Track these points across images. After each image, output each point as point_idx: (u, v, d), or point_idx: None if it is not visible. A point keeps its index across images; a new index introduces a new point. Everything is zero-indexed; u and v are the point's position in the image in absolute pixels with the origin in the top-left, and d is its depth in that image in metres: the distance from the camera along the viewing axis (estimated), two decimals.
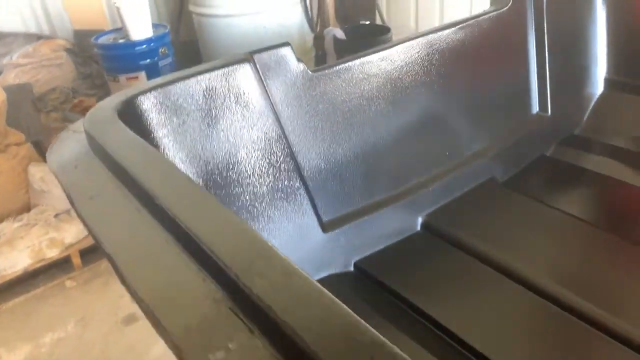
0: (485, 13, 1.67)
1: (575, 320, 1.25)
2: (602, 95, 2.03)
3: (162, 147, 1.10)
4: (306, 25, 2.95)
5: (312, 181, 1.38)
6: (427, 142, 1.63)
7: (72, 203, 0.79)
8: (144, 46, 2.73)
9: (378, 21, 3.24)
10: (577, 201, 1.83)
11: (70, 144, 0.98)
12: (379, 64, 1.45)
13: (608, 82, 2.02)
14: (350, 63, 1.40)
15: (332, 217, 1.44)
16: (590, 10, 1.93)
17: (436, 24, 3.70)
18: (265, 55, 1.27)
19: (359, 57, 1.41)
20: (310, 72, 1.34)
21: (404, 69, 1.50)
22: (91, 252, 2.36)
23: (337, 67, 1.38)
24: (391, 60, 1.46)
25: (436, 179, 1.64)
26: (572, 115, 2.04)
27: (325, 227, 1.41)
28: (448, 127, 1.69)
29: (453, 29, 1.58)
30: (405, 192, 1.58)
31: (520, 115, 1.90)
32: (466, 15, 3.59)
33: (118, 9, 2.64)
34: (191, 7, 3.18)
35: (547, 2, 1.79)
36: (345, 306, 0.50)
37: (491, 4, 1.76)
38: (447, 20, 3.64)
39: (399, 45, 1.47)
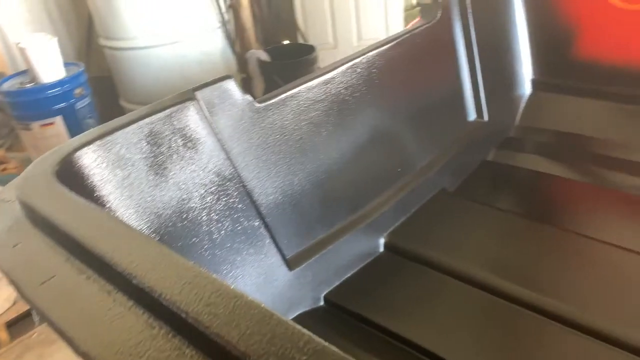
0: (417, 27, 1.68)
1: (541, 319, 1.28)
2: (531, 96, 2.12)
3: (109, 206, 0.98)
4: (228, 50, 2.87)
5: (271, 217, 1.31)
6: (379, 160, 1.61)
7: (20, 292, 0.67)
8: (57, 89, 2.51)
9: (300, 40, 3.23)
10: (522, 200, 1.90)
11: (1, 218, 0.84)
12: (324, 87, 1.40)
13: (534, 83, 2.10)
14: (295, 90, 1.34)
15: (296, 252, 1.37)
16: (511, 17, 2.01)
17: (354, 40, 3.75)
18: (208, 91, 1.18)
19: (304, 83, 1.36)
20: (257, 104, 1.26)
21: (349, 89, 1.46)
22: (19, 322, 2.11)
23: (283, 95, 1.32)
24: (335, 83, 1.43)
25: (392, 197, 1.62)
26: (506, 118, 2.10)
27: (290, 264, 1.34)
28: (396, 143, 1.68)
29: (390, 45, 1.57)
30: (365, 214, 1.54)
31: (461, 123, 1.93)
32: (382, 31, 3.69)
33: (23, 50, 2.42)
34: (102, 41, 2.99)
35: (472, 12, 1.83)
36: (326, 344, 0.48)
37: (421, 18, 1.78)
38: (364, 36, 3.72)
39: (341, 67, 1.44)
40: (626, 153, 1.84)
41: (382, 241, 1.58)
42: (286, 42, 3.04)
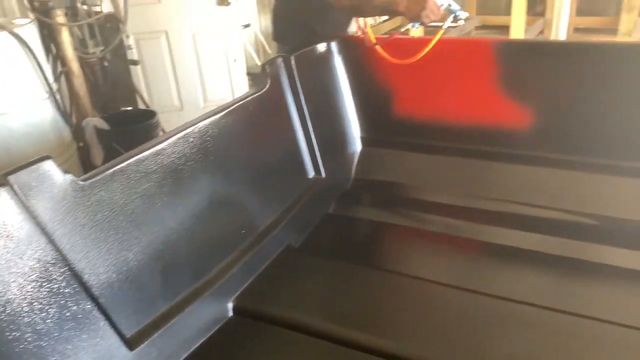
0: (247, 96, 1.77)
1: None
2: (362, 152, 2.33)
3: None
4: (60, 120, 2.71)
5: (105, 297, 1.25)
6: (222, 225, 1.63)
7: None
8: None
9: (141, 105, 3.18)
10: (361, 249, 2.05)
11: None
12: (155, 159, 1.40)
13: (364, 140, 2.33)
14: (123, 164, 1.32)
15: (137, 329, 1.31)
16: (337, 84, 2.23)
17: (200, 102, 3.80)
18: (23, 174, 1.11)
19: (132, 157, 1.34)
20: (81, 182, 1.22)
21: (182, 159, 1.48)
22: None
23: (110, 171, 1.29)
24: (167, 154, 1.43)
25: (238, 260, 1.64)
26: (343, 174, 2.28)
27: (131, 343, 1.28)
28: (239, 206, 1.73)
29: (221, 114, 1.63)
30: (211, 280, 1.54)
31: (301, 181, 2.05)
32: (228, 92, 3.79)
33: None
34: None
35: (299, 80, 1.99)
36: None
37: (252, 87, 1.88)
38: (210, 97, 3.80)
39: (171, 138, 1.45)
40: (440, 197, 2.10)
41: (230, 305, 1.59)
42: (127, 108, 2.98)
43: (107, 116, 2.72)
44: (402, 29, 1.81)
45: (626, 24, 3.64)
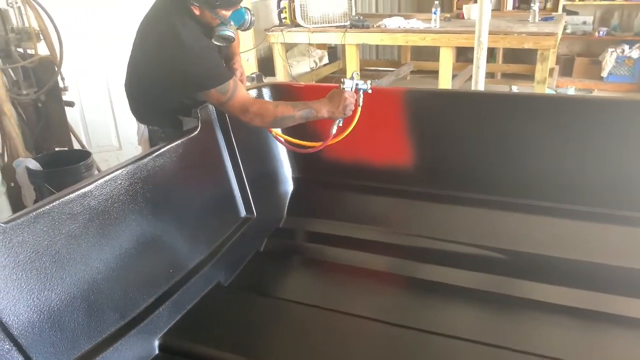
0: (177, 138, 1.83)
1: None
2: (294, 191, 2.43)
3: None
4: None
5: (25, 338, 1.26)
6: (150, 264, 1.67)
7: None
8: None
9: (76, 146, 3.17)
10: (291, 286, 2.12)
11: None
12: (81, 201, 1.44)
13: (296, 180, 2.44)
14: (48, 207, 1.35)
15: None
16: None
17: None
18: None
19: (58, 199, 1.38)
20: (2, 225, 1.25)
21: (109, 201, 1.52)
22: None
23: (34, 213, 1.32)
24: (94, 196, 1.47)
25: (165, 298, 1.68)
26: (275, 212, 2.36)
27: None
28: (167, 245, 1.76)
29: (150, 157, 1.69)
30: (136, 319, 1.57)
31: (232, 221, 2.12)
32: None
33: None
34: None
35: (231, 124, 2.08)
36: None
37: (184, 129, 1.94)
38: None
39: (98, 181, 1.50)
40: (368, 234, 2.21)
41: (156, 343, 1.62)
42: (62, 148, 2.97)
43: (40, 156, 2.71)
44: (333, 131, 1.94)
45: (540, 73, 3.98)
